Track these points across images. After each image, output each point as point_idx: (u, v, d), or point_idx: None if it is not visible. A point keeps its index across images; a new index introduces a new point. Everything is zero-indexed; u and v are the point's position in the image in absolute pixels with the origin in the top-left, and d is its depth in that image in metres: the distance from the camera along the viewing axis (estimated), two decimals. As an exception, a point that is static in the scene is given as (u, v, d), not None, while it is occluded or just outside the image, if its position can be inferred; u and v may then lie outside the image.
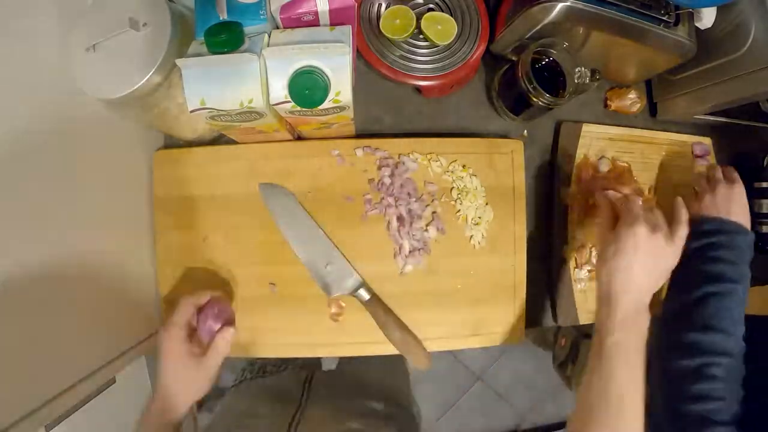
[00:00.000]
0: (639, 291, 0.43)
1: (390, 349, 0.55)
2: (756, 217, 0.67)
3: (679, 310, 0.50)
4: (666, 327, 0.50)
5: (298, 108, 0.40)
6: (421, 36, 0.55)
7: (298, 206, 0.52)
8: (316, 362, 0.75)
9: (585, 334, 0.74)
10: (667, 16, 0.50)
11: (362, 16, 0.54)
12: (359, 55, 0.55)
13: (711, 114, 0.64)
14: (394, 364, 0.69)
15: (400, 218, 0.55)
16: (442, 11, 0.55)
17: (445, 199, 0.56)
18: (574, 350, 0.74)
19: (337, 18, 0.41)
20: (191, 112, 0.39)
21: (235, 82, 0.38)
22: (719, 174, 0.56)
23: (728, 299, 0.48)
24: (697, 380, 0.44)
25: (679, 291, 0.51)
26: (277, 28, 0.42)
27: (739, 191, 0.54)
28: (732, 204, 0.53)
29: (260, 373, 0.63)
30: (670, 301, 0.53)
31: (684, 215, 0.48)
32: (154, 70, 0.40)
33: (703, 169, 0.60)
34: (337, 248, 0.52)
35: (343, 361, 0.79)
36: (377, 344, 0.54)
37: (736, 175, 0.56)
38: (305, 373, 0.58)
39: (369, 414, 0.53)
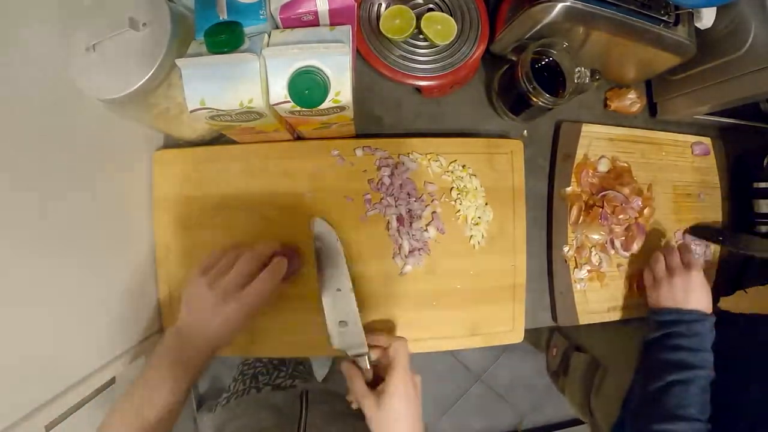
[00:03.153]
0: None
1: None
2: (756, 217, 0.67)
3: (644, 399, 0.51)
4: (633, 418, 0.52)
5: (298, 108, 0.40)
6: (421, 36, 0.55)
7: (342, 255, 0.51)
8: (308, 371, 0.73)
9: (576, 346, 0.73)
10: (666, 16, 0.50)
11: (362, 16, 0.54)
12: (359, 55, 0.55)
13: (711, 114, 0.64)
14: None
15: (399, 218, 0.55)
16: (442, 11, 0.55)
17: (444, 199, 0.56)
18: (564, 361, 0.74)
19: (337, 18, 0.41)
20: (191, 112, 0.39)
21: (235, 82, 0.38)
22: (676, 260, 0.57)
23: (692, 386, 0.48)
24: None
25: (643, 380, 0.52)
26: (277, 28, 0.42)
27: (696, 277, 0.54)
28: (690, 293, 0.53)
29: (253, 384, 0.62)
30: (635, 389, 0.54)
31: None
32: (154, 70, 0.40)
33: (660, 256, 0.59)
34: (359, 313, 0.49)
35: (334, 369, 0.77)
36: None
37: (692, 259, 0.56)
38: (300, 388, 0.58)
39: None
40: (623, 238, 0.62)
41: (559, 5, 0.47)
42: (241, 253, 0.43)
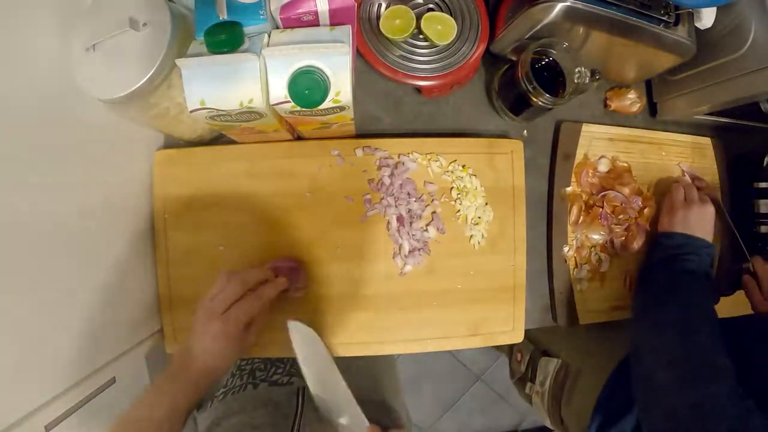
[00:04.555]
0: None
1: (387, 350, 0.55)
2: (756, 217, 0.67)
3: (646, 305, 0.55)
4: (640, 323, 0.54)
5: (298, 108, 0.40)
6: (421, 36, 0.55)
7: (322, 345, 0.49)
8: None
9: (543, 350, 0.72)
10: (666, 16, 0.50)
11: (362, 16, 0.54)
12: (359, 55, 0.55)
13: (711, 114, 0.64)
14: (382, 370, 0.68)
15: (399, 218, 0.55)
16: (442, 11, 0.55)
17: (444, 199, 0.56)
18: (531, 367, 0.73)
19: (337, 18, 0.41)
20: (191, 112, 0.39)
21: (235, 82, 0.38)
22: (695, 193, 0.59)
23: (707, 284, 0.53)
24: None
25: (644, 293, 0.56)
26: (277, 28, 0.42)
27: (710, 212, 0.58)
28: (703, 223, 0.57)
29: (250, 380, 0.62)
30: (634, 306, 0.58)
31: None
32: (154, 70, 0.40)
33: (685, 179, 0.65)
34: (354, 400, 0.46)
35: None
36: (375, 344, 0.55)
37: (708, 197, 0.60)
38: (297, 385, 0.58)
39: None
40: (623, 238, 0.62)
41: (559, 5, 0.47)
42: (234, 277, 0.45)
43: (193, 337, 0.44)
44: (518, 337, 0.57)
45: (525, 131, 0.63)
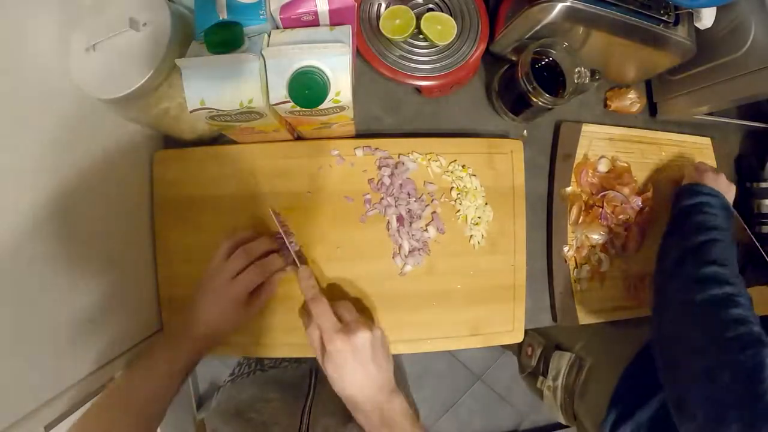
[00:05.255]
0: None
1: (392, 350, 0.55)
2: (756, 217, 0.67)
3: (684, 253, 0.51)
4: (675, 269, 0.51)
5: (298, 108, 0.40)
6: (421, 36, 0.55)
7: None
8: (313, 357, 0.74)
9: (555, 345, 0.72)
10: (666, 16, 0.50)
11: (362, 16, 0.54)
12: (359, 55, 0.55)
13: (711, 114, 0.64)
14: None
15: (399, 218, 0.55)
16: (442, 11, 0.55)
17: (444, 199, 0.56)
18: (543, 361, 0.73)
19: (337, 18, 0.41)
20: (191, 112, 0.39)
21: (235, 82, 0.38)
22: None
23: (729, 246, 0.51)
24: (732, 306, 0.43)
25: (681, 238, 0.54)
26: (277, 28, 0.42)
27: (734, 191, 0.58)
28: (728, 193, 0.57)
29: (259, 367, 0.62)
30: (671, 248, 0.54)
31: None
32: (154, 70, 0.40)
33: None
34: None
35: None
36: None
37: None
38: (308, 366, 0.58)
39: None
40: (623, 238, 0.62)
41: (559, 5, 0.47)
42: (242, 249, 0.47)
43: (196, 304, 0.45)
44: (518, 337, 0.57)
45: (525, 131, 0.63)
